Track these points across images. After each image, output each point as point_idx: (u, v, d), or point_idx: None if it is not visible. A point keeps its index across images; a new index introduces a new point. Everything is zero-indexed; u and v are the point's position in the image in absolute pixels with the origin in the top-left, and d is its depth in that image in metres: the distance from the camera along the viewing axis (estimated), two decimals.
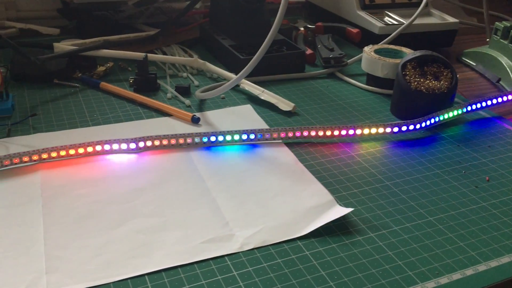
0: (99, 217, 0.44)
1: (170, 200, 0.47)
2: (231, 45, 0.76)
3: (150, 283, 0.38)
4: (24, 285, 0.37)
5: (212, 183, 0.49)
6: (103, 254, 0.40)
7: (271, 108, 0.65)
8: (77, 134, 0.57)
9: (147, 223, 0.44)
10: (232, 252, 0.41)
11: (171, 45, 0.82)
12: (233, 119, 0.62)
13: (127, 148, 0.54)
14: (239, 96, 0.68)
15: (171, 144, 0.55)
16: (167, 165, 0.52)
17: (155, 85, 0.69)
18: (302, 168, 0.52)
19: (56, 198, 0.46)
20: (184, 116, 0.61)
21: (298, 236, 0.43)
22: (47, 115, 0.61)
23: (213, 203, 0.47)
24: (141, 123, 0.61)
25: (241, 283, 0.38)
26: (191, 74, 0.74)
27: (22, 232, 0.42)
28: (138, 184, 0.49)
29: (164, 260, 0.40)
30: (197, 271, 0.39)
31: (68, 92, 0.67)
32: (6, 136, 0.55)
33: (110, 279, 0.38)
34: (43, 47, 0.75)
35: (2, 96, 0.61)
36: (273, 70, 0.73)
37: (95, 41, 0.76)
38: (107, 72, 0.73)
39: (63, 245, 0.41)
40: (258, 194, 0.48)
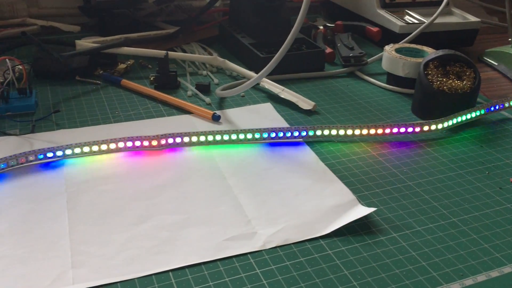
0: (122, 213, 0.45)
1: (192, 197, 0.47)
2: (251, 43, 0.77)
3: (174, 279, 0.38)
4: (50, 279, 0.37)
5: (234, 181, 0.50)
6: (128, 250, 0.41)
7: (291, 107, 0.65)
8: (100, 131, 0.58)
9: (170, 219, 0.44)
10: (254, 250, 0.41)
11: (191, 43, 0.82)
12: (253, 117, 0.62)
13: (149, 145, 0.54)
14: (259, 94, 0.68)
15: (192, 141, 0.55)
16: (189, 163, 0.53)
17: (176, 82, 0.69)
18: (323, 167, 0.52)
19: (80, 194, 0.47)
20: (205, 114, 0.61)
21: (321, 235, 0.43)
22: (69, 112, 0.62)
23: (235, 201, 0.47)
24: (162, 121, 0.61)
25: (264, 281, 0.38)
26: (211, 72, 0.74)
27: (48, 227, 0.43)
28: (161, 181, 0.49)
29: (188, 256, 0.40)
30: (220, 268, 0.39)
31: (89, 89, 0.68)
32: (30, 132, 0.56)
33: (135, 275, 0.38)
34: (65, 44, 0.76)
35: (25, 92, 0.61)
36: (292, 69, 0.73)
37: (116, 38, 0.76)
38: (127, 69, 0.73)
39: (88, 240, 0.41)
40: (279, 192, 0.48)
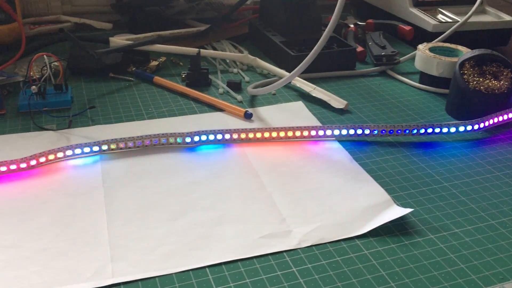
0: (158, 209, 0.45)
1: (227, 194, 0.47)
2: (281, 41, 0.76)
3: (211, 275, 0.38)
4: (90, 272, 0.38)
5: (267, 179, 0.50)
6: (165, 245, 0.41)
7: (323, 105, 0.65)
8: (134, 127, 0.59)
9: (205, 216, 0.45)
10: (290, 249, 0.41)
11: (221, 41, 0.83)
12: (285, 115, 0.62)
13: (182, 142, 0.55)
14: (290, 92, 0.68)
15: (225, 139, 0.56)
16: (222, 160, 0.53)
17: (207, 80, 0.70)
18: (357, 167, 0.52)
19: (116, 189, 0.48)
20: (237, 111, 0.62)
21: (356, 235, 0.43)
22: (104, 108, 0.63)
23: (269, 199, 0.47)
24: (194, 118, 0.61)
25: (300, 279, 0.38)
26: (241, 70, 0.74)
27: (87, 221, 0.43)
28: (195, 178, 0.50)
29: (224, 253, 0.40)
30: (257, 265, 0.39)
31: (123, 85, 0.69)
32: (67, 127, 0.57)
33: (172, 270, 0.39)
34: (98, 42, 0.77)
35: (61, 88, 0.63)
36: (323, 67, 0.73)
37: (148, 36, 0.77)
38: (159, 66, 0.74)
39: (126, 235, 0.42)
40: (313, 191, 0.48)
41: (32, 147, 0.53)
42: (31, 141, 0.55)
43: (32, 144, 0.54)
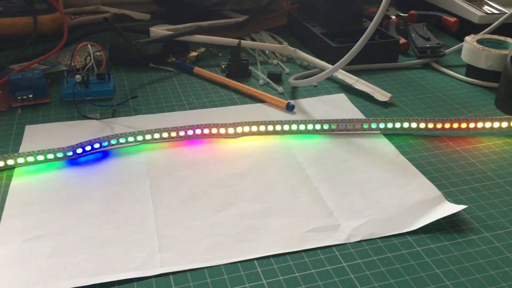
0: (204, 200, 0.45)
1: (272, 187, 0.47)
2: (322, 32, 0.75)
3: (260, 268, 0.38)
4: (139, 261, 0.38)
5: (313, 172, 0.49)
6: (211, 236, 0.41)
7: (366, 98, 0.63)
8: (176, 117, 0.58)
9: (251, 208, 0.44)
10: (339, 243, 0.40)
11: (260, 32, 0.82)
12: (328, 107, 0.61)
13: (225, 133, 0.54)
14: (332, 84, 0.67)
15: (268, 130, 0.55)
16: (265, 151, 0.52)
17: (247, 71, 0.69)
18: (404, 161, 0.51)
19: (161, 179, 0.48)
20: (278, 103, 0.61)
21: (407, 231, 0.41)
22: (145, 98, 0.63)
23: (315, 192, 0.46)
24: (235, 109, 0.61)
25: (351, 275, 0.37)
26: (281, 61, 0.73)
27: (133, 210, 0.43)
28: (239, 169, 0.49)
29: (272, 246, 0.40)
30: (306, 259, 0.39)
31: (163, 76, 0.69)
32: (110, 116, 0.58)
33: (221, 261, 0.38)
34: (138, 32, 0.77)
35: (104, 78, 0.63)
36: (365, 59, 0.71)
37: (187, 26, 0.77)
38: (198, 57, 0.74)
39: (172, 224, 0.42)
40: (360, 185, 0.47)
41: (77, 135, 0.53)
42: (76, 130, 0.55)
43: (77, 132, 0.54)
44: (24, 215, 0.42)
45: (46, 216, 0.42)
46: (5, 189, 0.45)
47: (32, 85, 0.59)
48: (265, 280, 0.37)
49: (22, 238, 0.40)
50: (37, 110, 0.59)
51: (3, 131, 0.54)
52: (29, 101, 0.59)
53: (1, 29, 0.74)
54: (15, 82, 0.58)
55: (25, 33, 0.74)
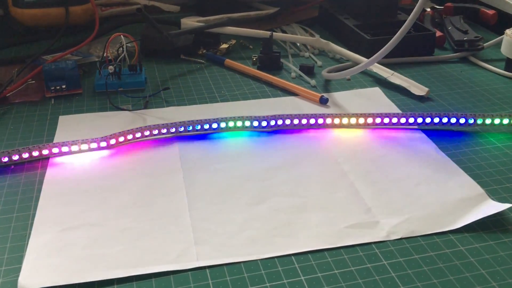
0: (239, 193, 0.44)
1: (307, 181, 0.46)
2: (355, 25, 0.73)
3: (297, 264, 0.37)
4: (175, 254, 0.38)
5: (349, 167, 0.48)
6: (247, 230, 0.40)
7: (401, 92, 0.61)
8: (207, 109, 0.58)
9: (286, 202, 0.43)
10: (378, 240, 0.39)
11: (290, 24, 0.81)
12: (362, 101, 0.60)
13: (258, 126, 0.53)
14: (365, 78, 0.66)
15: (302, 124, 0.54)
16: (299, 145, 0.51)
17: (279, 64, 0.68)
18: (444, 157, 0.49)
19: (195, 171, 0.47)
20: (312, 96, 0.60)
21: (450, 230, 0.40)
22: (177, 90, 0.62)
23: (352, 188, 0.45)
24: (268, 101, 0.60)
25: (392, 273, 0.36)
26: (313, 54, 0.72)
27: (168, 202, 0.43)
28: (273, 163, 0.48)
29: (309, 241, 0.39)
30: (344, 256, 0.38)
31: (194, 68, 0.68)
32: (143, 108, 0.57)
33: (257, 256, 0.37)
34: (168, 24, 0.77)
35: (136, 69, 0.63)
36: (400, 52, 0.69)
37: (218, 18, 0.76)
38: (229, 49, 0.73)
39: (207, 218, 0.41)
40: (398, 181, 0.46)
41: (110, 126, 0.53)
42: (109, 121, 0.55)
43: (110, 123, 0.54)
44: (60, 205, 0.42)
45: (82, 206, 0.42)
46: (40, 178, 0.45)
47: (65, 75, 0.59)
48: (303, 277, 0.36)
49: (59, 228, 0.40)
50: (70, 101, 0.59)
51: (38, 121, 0.54)
52: (62, 91, 0.59)
53: (34, 20, 0.75)
54: (49, 72, 0.58)
55: (57, 24, 0.74)
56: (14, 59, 0.67)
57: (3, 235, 0.39)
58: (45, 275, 0.35)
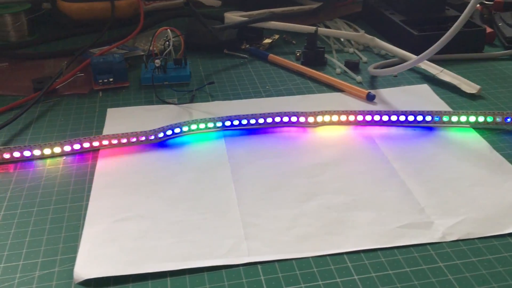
0: (287, 189, 0.44)
1: (356, 179, 0.45)
2: (401, 20, 0.72)
3: (350, 263, 0.36)
4: (226, 248, 0.37)
5: (399, 165, 0.47)
6: (297, 227, 0.40)
7: (451, 90, 0.60)
8: (253, 104, 0.57)
9: (336, 200, 0.42)
10: (433, 241, 0.38)
11: (334, 19, 0.79)
12: (410, 99, 0.58)
13: (304, 122, 0.53)
14: (412, 74, 0.64)
15: (349, 120, 0.53)
16: (347, 142, 0.50)
17: (323, 59, 0.67)
18: (498, 157, 0.47)
19: (243, 166, 0.47)
20: (358, 92, 0.59)
21: (508, 233, 0.38)
22: (221, 84, 0.62)
23: (403, 186, 0.44)
24: (313, 97, 0.59)
25: (450, 276, 0.35)
26: (357, 50, 0.71)
27: (216, 196, 0.43)
28: (321, 160, 0.48)
29: (361, 240, 0.38)
30: (398, 256, 0.37)
31: (237, 62, 0.68)
32: (189, 102, 0.57)
33: (309, 253, 0.37)
34: (211, 18, 0.77)
35: (181, 63, 0.63)
36: (448, 49, 0.67)
37: (261, 13, 0.76)
38: (272, 44, 0.72)
39: (256, 213, 0.41)
40: (452, 181, 0.44)
41: (156, 119, 0.54)
42: (155, 114, 0.55)
43: (156, 116, 0.55)
44: (111, 196, 0.43)
45: (132, 198, 0.43)
46: (91, 170, 0.46)
47: (113, 68, 0.59)
48: (356, 276, 0.35)
49: (111, 219, 0.40)
50: (117, 94, 0.59)
51: (86, 113, 0.55)
52: (109, 84, 0.60)
53: (80, 14, 0.76)
54: (97, 65, 0.59)
55: (103, 17, 0.75)
56: (62, 52, 0.69)
57: (58, 224, 0.40)
58: (99, 266, 0.36)
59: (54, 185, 0.44)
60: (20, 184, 0.44)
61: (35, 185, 0.44)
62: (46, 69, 0.65)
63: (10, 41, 0.73)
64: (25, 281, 0.35)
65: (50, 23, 0.79)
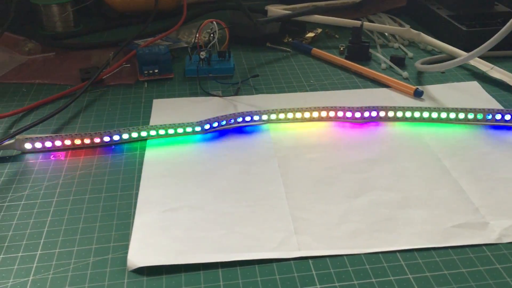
0: (336, 184, 0.43)
1: (407, 176, 0.44)
2: (449, 15, 0.70)
3: (403, 261, 0.35)
4: (276, 242, 0.37)
5: (451, 163, 0.45)
6: (347, 222, 0.39)
7: (502, 87, 0.58)
8: (297, 98, 0.57)
9: (386, 196, 0.42)
10: (490, 243, 0.37)
11: (377, 13, 0.78)
12: (459, 95, 0.57)
13: (351, 117, 0.52)
14: (461, 71, 0.62)
15: (397, 117, 0.52)
16: (395, 139, 0.49)
17: (368, 54, 0.66)
18: None
19: (289, 160, 0.46)
20: (405, 88, 0.57)
21: None
22: (264, 77, 0.62)
23: (456, 185, 0.43)
24: (359, 92, 0.58)
25: (507, 278, 0.34)
26: (402, 45, 0.70)
27: (264, 189, 0.43)
28: (369, 155, 0.47)
29: (414, 239, 0.37)
30: (454, 257, 0.36)
31: (280, 56, 0.68)
32: (234, 94, 0.57)
33: (360, 250, 0.36)
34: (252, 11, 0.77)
35: (224, 55, 0.63)
36: (498, 45, 0.65)
37: (305, 6, 0.75)
38: (315, 38, 0.72)
39: (305, 207, 0.41)
40: (507, 181, 0.43)
41: (202, 111, 0.54)
42: (200, 106, 0.55)
43: (201, 108, 0.55)
44: (160, 186, 0.43)
45: (181, 188, 0.43)
46: (140, 159, 0.46)
47: (158, 60, 0.60)
48: (411, 275, 0.34)
49: (161, 208, 0.40)
50: (162, 85, 0.60)
51: (133, 104, 0.56)
52: (154, 75, 0.60)
53: (124, 6, 0.77)
54: (143, 56, 0.60)
55: (145, 9, 0.76)
56: (107, 43, 0.69)
57: (110, 212, 0.40)
58: (151, 254, 0.36)
59: (105, 173, 0.45)
60: (72, 172, 0.45)
61: (86, 173, 0.45)
62: (92, 59, 0.66)
63: (57, 31, 0.74)
64: (80, 266, 0.35)
65: (95, 14, 0.80)
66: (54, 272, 0.35)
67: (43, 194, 0.42)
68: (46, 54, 0.67)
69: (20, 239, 0.37)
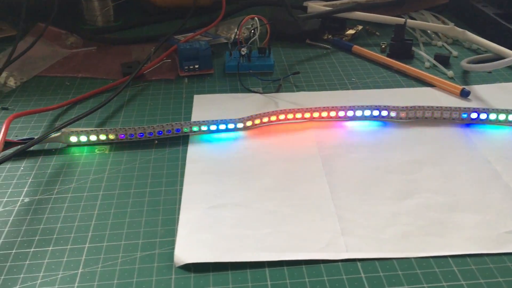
0: (382, 185, 0.42)
1: (456, 179, 0.43)
2: (496, 13, 0.68)
3: (455, 267, 0.34)
4: (324, 243, 0.37)
5: (502, 167, 0.44)
6: (396, 225, 0.38)
7: None
8: (340, 96, 0.56)
9: (435, 200, 0.41)
10: None
11: (420, 10, 0.76)
12: (508, 96, 0.55)
13: (395, 116, 0.51)
14: (508, 71, 0.60)
15: (443, 117, 0.51)
16: (442, 140, 0.48)
17: (410, 52, 0.64)
18: None
19: (333, 159, 0.46)
20: (451, 88, 0.56)
21: None
22: (305, 75, 0.61)
23: (508, 189, 0.41)
24: (402, 91, 0.57)
25: None
26: (446, 43, 0.68)
27: (308, 188, 0.42)
28: (415, 156, 0.46)
29: (466, 244, 0.36)
30: (508, 264, 0.35)
31: (320, 53, 0.67)
32: (275, 91, 0.57)
33: (411, 254, 0.35)
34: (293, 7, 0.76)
35: (265, 52, 0.62)
36: None
37: (344, 3, 0.74)
38: (355, 35, 0.70)
39: (351, 208, 0.40)
40: None
41: (243, 108, 0.53)
42: (241, 102, 0.55)
43: (242, 105, 0.54)
44: (204, 183, 0.43)
45: (224, 186, 0.43)
46: (183, 155, 0.46)
47: (199, 55, 0.60)
48: (464, 281, 0.33)
49: (206, 205, 0.40)
50: (203, 81, 0.60)
51: (174, 99, 0.56)
52: (195, 71, 0.60)
53: (163, 1, 0.77)
54: (184, 52, 0.60)
55: (184, 5, 0.76)
56: (147, 38, 0.70)
57: (155, 207, 0.40)
58: (198, 251, 0.36)
59: (148, 168, 0.45)
60: (116, 166, 0.45)
61: (130, 167, 0.45)
62: (133, 54, 0.66)
63: (97, 25, 0.75)
64: (128, 261, 0.35)
65: (134, 9, 0.81)
66: (102, 265, 0.35)
67: (89, 188, 0.42)
68: (88, 48, 0.68)
69: (69, 231, 0.38)
